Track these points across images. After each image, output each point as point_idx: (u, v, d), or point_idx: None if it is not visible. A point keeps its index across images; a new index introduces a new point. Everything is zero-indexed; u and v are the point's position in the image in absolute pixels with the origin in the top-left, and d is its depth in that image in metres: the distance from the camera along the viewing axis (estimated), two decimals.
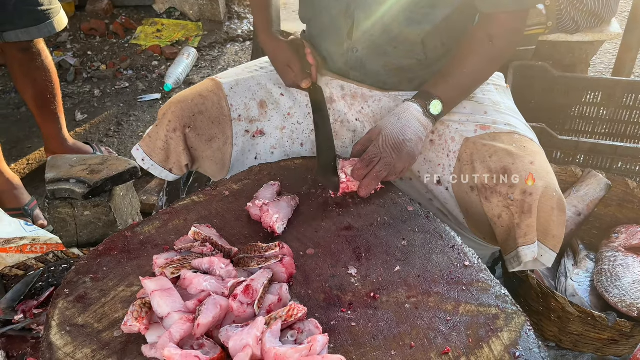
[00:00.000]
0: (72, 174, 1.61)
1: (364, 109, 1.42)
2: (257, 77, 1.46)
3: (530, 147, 1.25)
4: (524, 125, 1.35)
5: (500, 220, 1.21)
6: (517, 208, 1.18)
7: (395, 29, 1.29)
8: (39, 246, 1.78)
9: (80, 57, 3.31)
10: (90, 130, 2.76)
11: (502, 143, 1.24)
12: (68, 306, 0.99)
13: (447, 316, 0.95)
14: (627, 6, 2.41)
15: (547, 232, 1.19)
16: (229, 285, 0.94)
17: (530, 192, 1.16)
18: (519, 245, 1.18)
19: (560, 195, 1.18)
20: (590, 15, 2.15)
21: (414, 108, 1.24)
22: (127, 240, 1.13)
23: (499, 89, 1.46)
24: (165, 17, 3.68)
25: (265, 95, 1.44)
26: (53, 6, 1.99)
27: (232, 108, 1.41)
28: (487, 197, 1.22)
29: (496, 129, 1.29)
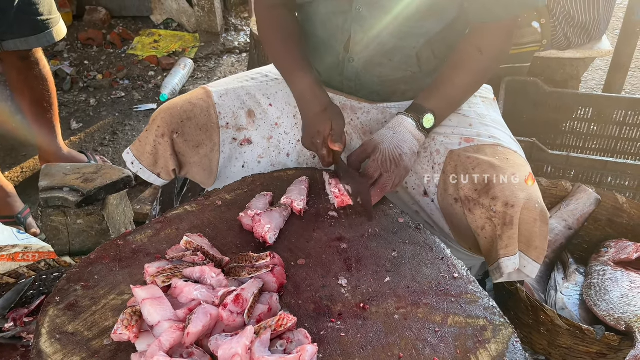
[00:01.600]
0: (65, 182, 1.62)
1: (353, 120, 1.44)
2: (246, 87, 1.48)
3: (513, 159, 1.26)
4: (508, 138, 1.37)
5: (483, 232, 1.23)
6: (499, 220, 1.19)
7: (390, 43, 1.32)
8: (30, 254, 1.77)
9: (76, 66, 3.32)
10: (86, 139, 2.76)
11: (486, 155, 1.26)
12: (58, 314, 0.99)
13: (435, 327, 0.96)
14: (618, 23, 2.45)
15: (529, 244, 1.20)
16: (219, 294, 0.95)
17: (512, 204, 1.17)
18: (500, 256, 1.19)
19: (542, 207, 1.19)
20: (581, 31, 2.18)
21: (408, 122, 1.26)
22: (119, 249, 1.13)
23: (486, 101, 1.48)
24: (163, 28, 3.71)
25: (254, 105, 1.46)
26: (52, 16, 2.01)
27: (220, 116, 1.43)
28: (471, 209, 1.24)
29: (480, 141, 1.31)
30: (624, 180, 1.86)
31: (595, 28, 2.19)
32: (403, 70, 1.36)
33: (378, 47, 1.33)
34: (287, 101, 1.47)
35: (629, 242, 1.68)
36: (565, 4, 2.11)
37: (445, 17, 1.29)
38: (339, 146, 1.26)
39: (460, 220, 1.28)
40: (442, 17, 1.28)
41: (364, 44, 1.33)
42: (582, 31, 2.18)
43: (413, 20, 1.27)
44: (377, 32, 1.30)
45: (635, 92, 3.19)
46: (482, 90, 1.49)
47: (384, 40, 1.31)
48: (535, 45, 2.20)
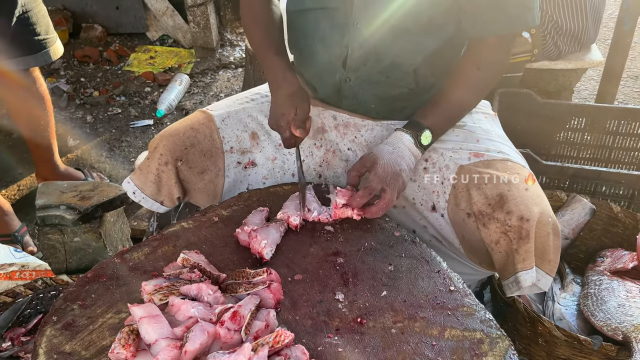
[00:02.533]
0: (62, 200, 1.62)
1: (357, 137, 1.44)
2: (247, 108, 1.47)
3: (523, 173, 1.27)
4: (515, 153, 1.38)
5: (498, 246, 1.23)
6: (515, 234, 1.19)
7: (387, 59, 1.32)
8: (27, 272, 1.77)
9: (73, 83, 3.34)
10: (82, 156, 2.77)
11: (497, 170, 1.27)
12: (55, 333, 0.99)
13: (432, 341, 0.96)
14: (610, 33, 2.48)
15: (543, 257, 1.20)
16: (216, 311, 0.95)
17: (527, 218, 1.17)
18: (517, 270, 1.20)
19: (554, 220, 1.20)
20: (571, 39, 2.21)
21: (406, 138, 1.27)
22: (116, 267, 1.13)
23: (488, 117, 1.48)
24: (159, 44, 3.73)
25: (257, 126, 1.45)
26: (49, 36, 2.02)
27: (224, 140, 1.42)
28: (485, 224, 1.23)
29: (489, 156, 1.32)
30: (618, 190, 1.87)
31: (584, 35, 2.21)
32: (400, 87, 1.37)
33: (375, 64, 1.33)
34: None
35: (624, 251, 1.69)
36: (553, 14, 2.14)
37: (443, 34, 1.29)
38: (300, 132, 1.29)
39: (473, 234, 1.28)
40: (440, 33, 1.29)
41: (361, 60, 1.33)
42: (572, 39, 2.20)
43: (411, 35, 1.28)
44: (374, 48, 1.31)
45: (627, 102, 3.22)
46: (482, 106, 1.50)
47: (381, 56, 1.32)
48: (526, 55, 2.23)
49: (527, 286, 1.20)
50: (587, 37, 2.23)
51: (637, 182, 1.81)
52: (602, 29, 3.77)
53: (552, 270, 1.22)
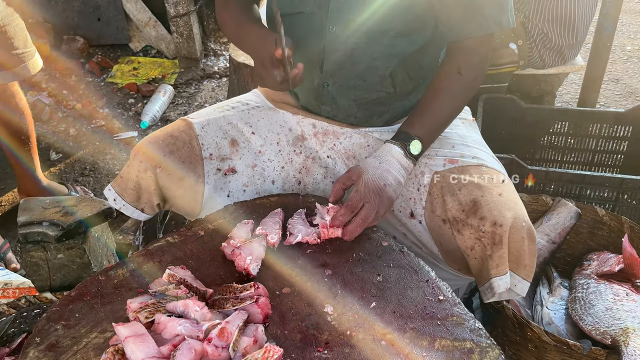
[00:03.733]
0: (45, 216, 1.59)
1: (336, 145, 1.45)
2: (228, 116, 1.48)
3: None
4: (491, 158, 1.38)
5: (473, 252, 1.23)
6: (489, 240, 1.20)
7: (364, 62, 1.33)
8: (11, 290, 1.74)
9: (55, 96, 3.30)
10: (66, 170, 2.73)
11: (471, 176, 1.28)
12: (39, 355, 0.97)
13: (422, 352, 0.95)
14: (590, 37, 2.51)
15: (519, 262, 1.21)
16: (203, 328, 0.93)
17: (500, 224, 1.18)
18: (491, 276, 1.20)
19: (529, 225, 1.21)
20: (556, 53, 2.23)
21: (395, 150, 1.26)
22: (100, 285, 1.11)
23: (466, 122, 1.50)
24: (142, 55, 3.71)
25: (236, 134, 1.46)
26: (28, 49, 2.00)
27: (203, 147, 1.42)
28: (459, 230, 1.24)
29: (464, 162, 1.32)
30: (602, 193, 1.89)
31: (570, 51, 2.24)
32: (377, 92, 1.38)
33: (352, 68, 1.34)
34: (269, 129, 1.48)
35: (610, 254, 1.70)
36: (543, 26, 2.16)
37: (418, 39, 1.31)
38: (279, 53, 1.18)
39: (449, 240, 1.28)
40: (415, 37, 1.30)
41: (337, 64, 1.35)
42: (557, 54, 2.23)
43: (386, 39, 1.29)
44: (350, 52, 1.32)
45: (609, 105, 3.26)
46: (461, 111, 1.51)
47: (357, 60, 1.33)
48: (512, 66, 2.25)
49: (501, 292, 1.20)
50: (571, 53, 2.26)
51: (621, 185, 1.83)
52: None
53: (528, 275, 1.22)
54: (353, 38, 1.30)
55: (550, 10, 2.15)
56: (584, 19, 2.19)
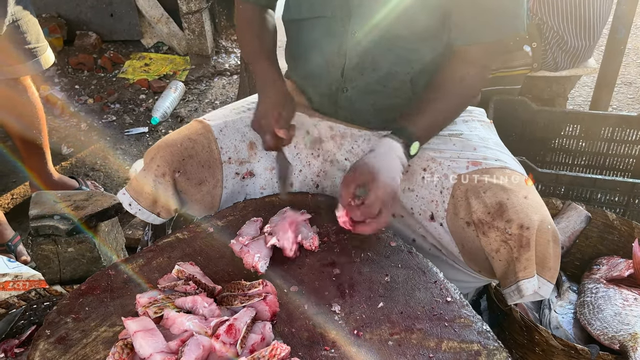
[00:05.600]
0: (56, 210, 1.61)
1: (354, 148, 1.43)
2: (244, 118, 1.46)
3: (521, 181, 1.26)
4: (512, 160, 1.36)
5: (498, 255, 1.22)
6: (515, 242, 1.18)
7: (384, 68, 1.32)
8: (21, 283, 1.76)
9: (67, 90, 3.32)
10: (77, 164, 2.75)
11: (495, 178, 1.25)
12: (49, 347, 0.98)
13: (429, 353, 0.96)
14: (603, 40, 2.49)
15: (544, 265, 1.20)
16: (211, 324, 0.94)
17: (528, 226, 1.17)
18: (519, 278, 1.19)
19: (554, 228, 1.20)
20: (572, 56, 2.22)
21: (398, 148, 1.24)
22: (110, 279, 1.12)
23: (484, 124, 1.48)
24: (153, 51, 3.73)
25: (254, 136, 1.43)
26: (40, 44, 2.01)
27: (222, 151, 1.40)
28: (485, 232, 1.22)
29: (487, 164, 1.30)
30: (613, 197, 1.87)
31: (585, 53, 2.23)
32: (397, 97, 1.37)
33: (372, 73, 1.33)
34: None
35: (620, 258, 1.69)
36: (559, 29, 2.14)
37: (437, 44, 1.30)
38: (284, 133, 1.29)
39: (472, 243, 1.26)
40: (435, 43, 1.29)
41: (358, 69, 1.33)
42: (572, 57, 2.21)
43: (407, 43, 1.28)
44: (371, 57, 1.31)
45: (621, 108, 3.24)
46: (477, 113, 1.50)
47: (379, 65, 1.32)
48: (526, 69, 2.24)
49: (529, 294, 1.19)
50: (585, 55, 2.25)
51: (632, 189, 1.81)
52: None
53: (552, 278, 1.21)
54: (374, 43, 1.29)
55: (567, 11, 2.14)
56: (600, 19, 2.17)
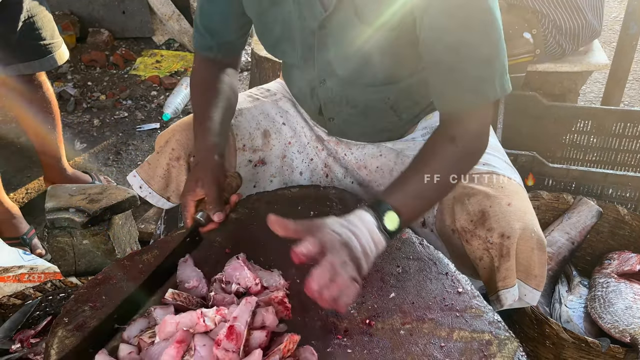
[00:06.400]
0: (71, 203, 1.63)
1: (347, 155, 1.44)
2: (259, 105, 1.47)
3: (508, 186, 1.23)
4: (503, 163, 1.32)
5: (482, 262, 1.21)
6: (496, 251, 1.17)
7: (360, 105, 1.30)
8: (36, 275, 1.78)
9: (80, 87, 3.36)
10: (90, 160, 2.79)
11: (480, 185, 1.22)
12: (67, 334, 1.00)
13: (441, 342, 0.97)
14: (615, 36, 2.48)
15: (529, 273, 1.18)
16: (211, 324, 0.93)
17: (508, 235, 1.15)
18: (499, 288, 1.18)
19: (539, 235, 1.17)
20: (573, 38, 2.21)
21: (367, 218, 0.99)
22: (125, 269, 1.14)
23: None
24: (165, 48, 3.76)
25: (269, 124, 1.44)
26: (55, 40, 2.04)
27: (237, 137, 1.41)
28: (468, 240, 1.21)
29: (474, 169, 1.24)
30: (624, 192, 1.87)
31: (585, 32, 2.20)
32: (382, 122, 1.35)
33: (351, 110, 1.32)
34: (296, 120, 1.47)
35: (631, 253, 1.69)
36: (549, 12, 2.14)
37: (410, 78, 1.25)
38: (218, 216, 1.12)
39: (460, 250, 1.26)
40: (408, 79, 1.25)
41: (335, 109, 1.34)
42: (573, 37, 2.20)
43: (378, 87, 1.24)
44: (345, 98, 1.30)
45: (633, 104, 3.22)
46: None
47: (355, 102, 1.30)
48: (528, 56, 2.22)
49: (508, 304, 1.18)
50: (590, 33, 2.22)
51: None
52: (608, 32, 3.78)
53: (538, 285, 1.20)
54: (345, 88, 1.27)
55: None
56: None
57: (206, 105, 1.26)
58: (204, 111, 1.25)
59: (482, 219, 1.18)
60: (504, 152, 1.41)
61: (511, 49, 2.18)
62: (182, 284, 1.08)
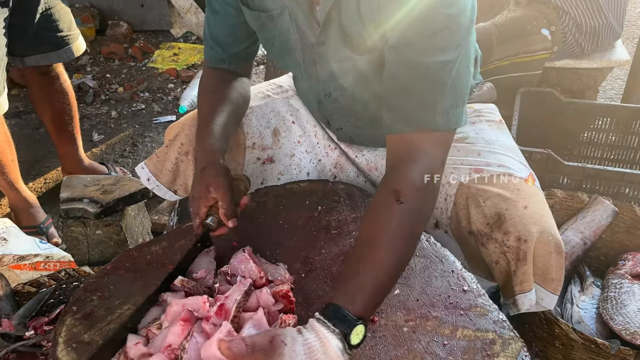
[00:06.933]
0: (85, 193, 1.66)
1: (358, 157, 1.44)
2: (270, 103, 1.47)
3: (524, 189, 1.20)
4: (519, 164, 1.29)
5: (498, 266, 1.19)
6: (513, 255, 1.15)
7: (366, 116, 1.29)
8: (52, 263, 1.82)
9: (99, 79, 3.40)
10: (106, 151, 2.82)
11: (496, 187, 1.20)
12: (75, 323, 1.02)
13: (444, 340, 0.96)
14: (637, 31, 2.42)
15: (546, 277, 1.17)
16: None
17: (525, 239, 1.13)
18: (515, 292, 1.17)
19: (557, 238, 1.15)
20: (593, 37, 2.16)
21: (332, 345, 0.83)
22: (134, 260, 1.16)
23: (492, 124, 1.41)
24: (182, 41, 3.78)
25: (279, 122, 1.45)
26: (72, 32, 2.07)
27: (248, 136, 1.41)
28: (484, 243, 1.20)
29: (489, 171, 1.24)
30: None
31: (606, 32, 2.16)
32: None
33: (357, 122, 1.32)
34: (307, 119, 1.47)
35: None
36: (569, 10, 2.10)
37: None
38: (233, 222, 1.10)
39: (475, 252, 1.24)
40: None
41: (342, 121, 1.34)
42: (593, 37, 2.16)
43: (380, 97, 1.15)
44: (351, 110, 1.29)
45: None
46: (487, 112, 1.43)
47: (360, 115, 1.30)
48: (545, 53, 2.19)
49: (525, 308, 1.16)
50: (611, 34, 2.18)
51: None
52: (630, 28, 3.69)
53: (555, 289, 1.18)
54: (350, 101, 1.27)
55: None
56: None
57: (210, 109, 1.25)
58: (208, 115, 1.24)
59: (499, 222, 1.16)
60: (519, 153, 1.37)
61: (528, 45, 2.15)
62: (190, 274, 1.10)
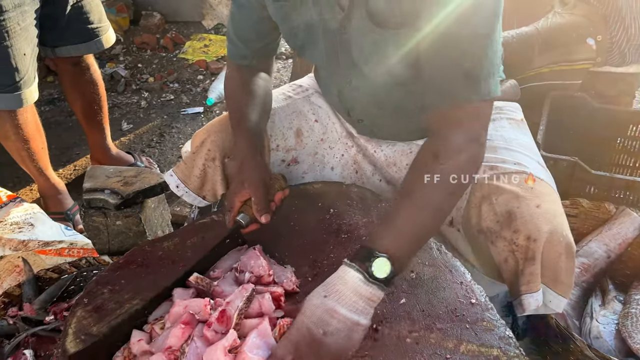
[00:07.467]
0: (107, 185, 1.70)
1: (377, 152, 1.43)
2: (291, 104, 1.47)
3: (538, 187, 1.19)
4: (536, 164, 1.28)
5: (506, 265, 1.17)
6: (522, 254, 1.13)
7: (389, 106, 1.28)
8: (75, 250, 1.87)
9: (131, 69, 3.47)
10: (134, 140, 2.88)
11: (510, 184, 1.19)
12: (85, 315, 1.04)
13: (447, 354, 0.95)
14: None
15: (555, 278, 1.15)
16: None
17: (535, 238, 1.11)
18: (522, 292, 1.15)
19: (568, 240, 1.13)
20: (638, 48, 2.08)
21: (350, 276, 0.94)
22: (146, 255, 1.18)
23: (513, 123, 1.39)
24: (213, 33, 3.81)
25: (301, 122, 1.45)
26: (102, 24, 2.11)
27: (272, 138, 1.42)
28: (493, 242, 1.18)
29: (504, 169, 1.23)
30: None
31: None
32: (413, 124, 1.30)
33: (379, 112, 1.30)
34: (328, 115, 1.47)
35: None
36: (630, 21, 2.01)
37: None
38: (266, 218, 1.15)
39: (485, 251, 1.23)
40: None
41: (364, 112, 1.33)
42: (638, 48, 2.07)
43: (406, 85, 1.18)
44: (373, 99, 1.27)
45: None
46: (509, 110, 1.42)
47: (382, 105, 1.28)
48: (588, 63, 2.11)
49: (531, 309, 1.14)
50: None
51: None
52: None
53: (565, 292, 1.15)
54: (372, 89, 1.25)
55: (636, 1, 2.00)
56: None
57: (243, 107, 1.28)
58: (241, 113, 1.27)
59: (509, 219, 1.15)
60: (538, 153, 1.36)
61: (571, 54, 2.07)
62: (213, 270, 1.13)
